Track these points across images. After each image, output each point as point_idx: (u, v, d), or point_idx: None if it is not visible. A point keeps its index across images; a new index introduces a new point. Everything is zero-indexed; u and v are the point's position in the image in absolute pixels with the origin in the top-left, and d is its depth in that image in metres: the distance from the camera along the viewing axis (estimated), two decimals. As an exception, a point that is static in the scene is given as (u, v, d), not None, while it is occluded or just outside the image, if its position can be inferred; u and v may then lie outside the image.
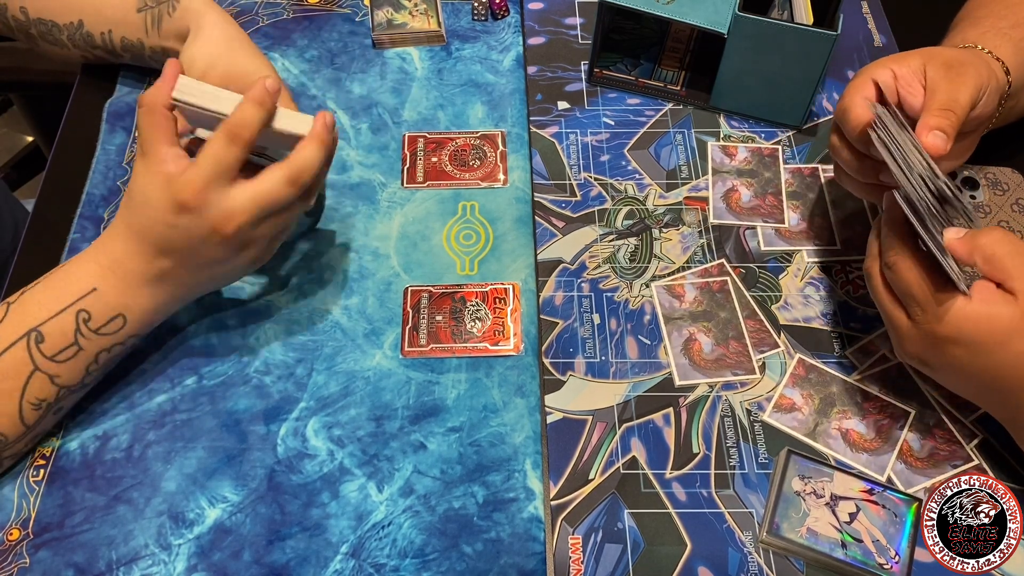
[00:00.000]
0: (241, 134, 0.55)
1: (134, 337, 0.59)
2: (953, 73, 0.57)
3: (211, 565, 0.55)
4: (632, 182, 0.72)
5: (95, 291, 0.56)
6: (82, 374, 0.57)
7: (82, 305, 0.56)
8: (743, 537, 0.56)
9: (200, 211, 0.55)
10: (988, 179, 0.71)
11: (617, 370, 0.62)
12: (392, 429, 0.60)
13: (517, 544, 0.56)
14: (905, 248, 0.53)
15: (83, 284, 0.56)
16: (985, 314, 0.50)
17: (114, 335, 0.57)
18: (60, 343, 0.55)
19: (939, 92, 0.56)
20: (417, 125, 0.76)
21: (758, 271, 0.67)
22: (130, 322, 0.58)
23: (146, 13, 0.70)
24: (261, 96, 0.56)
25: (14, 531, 0.56)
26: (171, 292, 0.59)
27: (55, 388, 0.56)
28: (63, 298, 0.56)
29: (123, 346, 0.59)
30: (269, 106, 0.56)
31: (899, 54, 0.60)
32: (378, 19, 0.81)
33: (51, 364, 0.55)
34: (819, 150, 0.74)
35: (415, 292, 0.67)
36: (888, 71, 0.58)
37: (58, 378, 0.56)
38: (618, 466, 0.58)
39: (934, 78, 0.57)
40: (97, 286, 0.56)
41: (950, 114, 0.55)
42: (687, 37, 0.80)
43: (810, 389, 0.61)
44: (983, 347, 0.51)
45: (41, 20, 0.72)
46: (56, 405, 0.57)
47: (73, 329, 0.56)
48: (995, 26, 0.64)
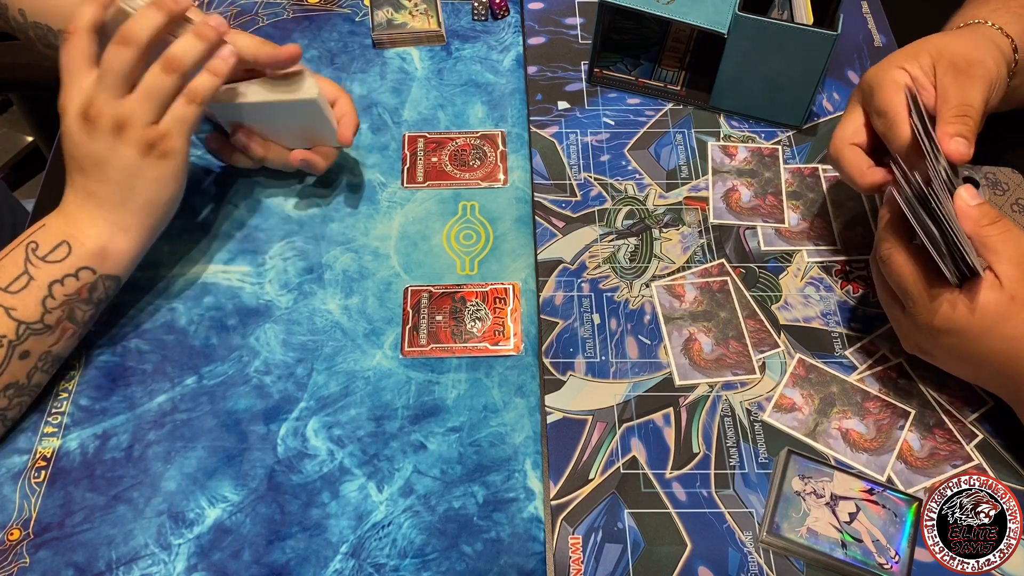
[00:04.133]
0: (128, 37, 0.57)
1: (87, 269, 0.59)
2: (962, 76, 0.57)
3: (211, 565, 0.55)
4: (632, 182, 0.72)
5: (44, 226, 0.60)
6: (39, 309, 0.57)
7: (31, 238, 0.59)
8: (743, 537, 0.56)
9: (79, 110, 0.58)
10: (988, 179, 0.71)
11: (617, 370, 0.62)
12: (392, 429, 0.60)
13: (517, 544, 0.56)
14: (900, 244, 0.54)
15: (36, 225, 0.60)
16: (972, 303, 0.52)
17: (62, 263, 0.58)
18: (12, 273, 0.58)
19: (951, 96, 0.56)
20: (417, 125, 0.76)
21: (758, 271, 0.67)
22: (75, 248, 0.59)
23: None
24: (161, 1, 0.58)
25: (15, 531, 0.56)
26: (102, 213, 0.60)
27: (13, 322, 0.57)
28: (18, 240, 0.60)
29: (77, 280, 0.59)
30: (171, 9, 0.58)
31: (905, 52, 0.60)
32: (378, 19, 0.81)
33: (5, 295, 0.57)
34: (819, 150, 0.74)
35: (415, 292, 0.67)
36: (904, 73, 0.58)
37: (14, 311, 0.57)
38: (618, 466, 0.58)
39: (945, 80, 0.57)
40: (45, 223, 0.60)
41: (967, 119, 0.55)
42: (687, 37, 0.80)
43: (810, 389, 0.61)
44: (972, 334, 0.53)
45: (37, 24, 0.72)
46: (19, 345, 0.57)
47: (23, 259, 0.58)
48: (1005, 4, 0.64)
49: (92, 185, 0.59)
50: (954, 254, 0.51)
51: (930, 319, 0.54)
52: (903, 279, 0.54)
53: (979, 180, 0.70)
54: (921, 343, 0.56)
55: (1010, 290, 0.51)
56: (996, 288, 0.52)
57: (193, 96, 0.60)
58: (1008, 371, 0.54)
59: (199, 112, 0.60)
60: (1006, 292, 0.51)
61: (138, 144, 0.59)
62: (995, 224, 0.53)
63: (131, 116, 0.58)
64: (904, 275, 0.54)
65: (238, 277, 0.67)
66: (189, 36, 0.59)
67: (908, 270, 0.54)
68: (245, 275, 0.67)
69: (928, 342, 0.56)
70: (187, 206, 0.70)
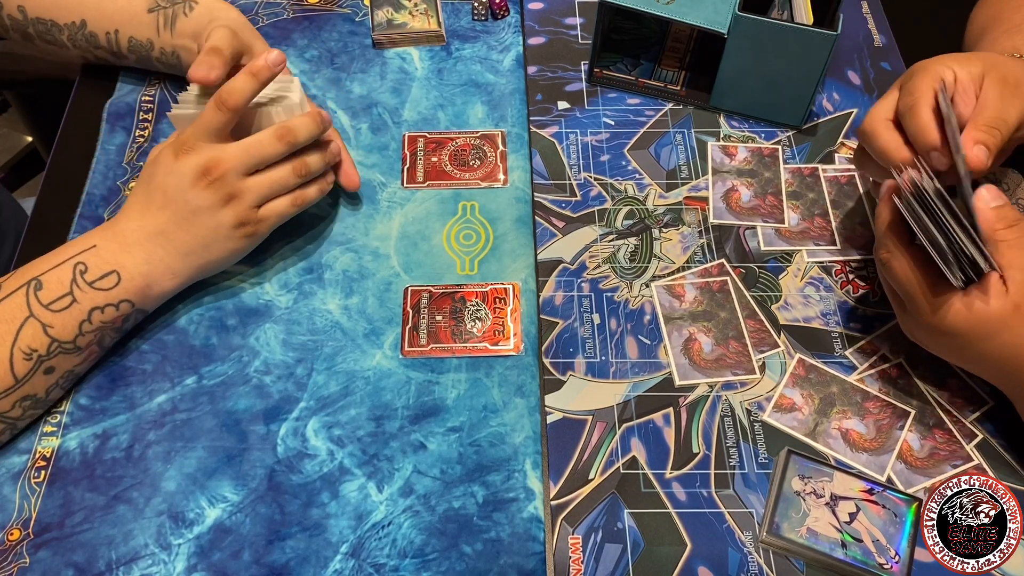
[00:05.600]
0: (227, 100, 0.60)
1: (127, 303, 0.60)
2: (1009, 91, 0.57)
3: (211, 565, 0.55)
4: (632, 182, 0.72)
5: (94, 247, 0.60)
6: (75, 331, 0.58)
7: (80, 258, 0.59)
8: (743, 537, 0.55)
9: (193, 152, 0.60)
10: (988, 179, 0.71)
11: (617, 370, 0.62)
12: (392, 429, 0.60)
13: (517, 544, 0.56)
14: (900, 246, 0.54)
15: (85, 242, 0.61)
16: (974, 308, 0.52)
17: (108, 292, 0.59)
18: (56, 291, 0.58)
19: (989, 107, 0.56)
20: (417, 125, 0.76)
21: (758, 271, 0.67)
22: (124, 281, 0.59)
23: (158, 13, 0.70)
24: (257, 68, 0.61)
25: (14, 531, 0.56)
26: (165, 255, 0.61)
27: (47, 339, 0.57)
28: (65, 253, 0.60)
29: (116, 310, 0.59)
30: (263, 77, 0.61)
31: (961, 56, 0.59)
32: (378, 19, 0.81)
33: (45, 312, 0.57)
34: (819, 150, 0.74)
35: (415, 292, 0.67)
36: (951, 72, 0.58)
37: (51, 328, 0.57)
38: (618, 466, 0.58)
39: (989, 91, 0.57)
40: (96, 243, 0.60)
41: (995, 132, 0.55)
42: (687, 37, 0.80)
43: (810, 389, 0.61)
44: (974, 338, 0.53)
45: (40, 19, 0.72)
46: (47, 361, 0.57)
47: (70, 279, 0.58)
48: None
49: (172, 227, 0.61)
50: (960, 258, 0.51)
51: (932, 321, 0.54)
52: (904, 283, 0.54)
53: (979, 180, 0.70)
54: (921, 339, 0.57)
55: (1015, 298, 0.51)
56: (1002, 295, 0.51)
57: (299, 200, 0.65)
58: (1009, 373, 0.54)
59: (295, 214, 0.65)
60: (1011, 300, 0.51)
61: (237, 218, 0.62)
62: (1011, 228, 0.52)
63: (246, 194, 0.62)
64: (905, 279, 0.54)
65: (238, 277, 0.67)
66: (320, 153, 0.65)
67: (909, 274, 0.54)
68: (245, 275, 0.67)
69: (928, 340, 0.56)
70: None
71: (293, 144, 0.62)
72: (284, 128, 0.62)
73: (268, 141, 0.62)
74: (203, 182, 0.60)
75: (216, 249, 0.62)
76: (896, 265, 0.54)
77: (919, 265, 0.54)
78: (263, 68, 0.61)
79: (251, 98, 0.61)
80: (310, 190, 0.66)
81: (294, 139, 0.62)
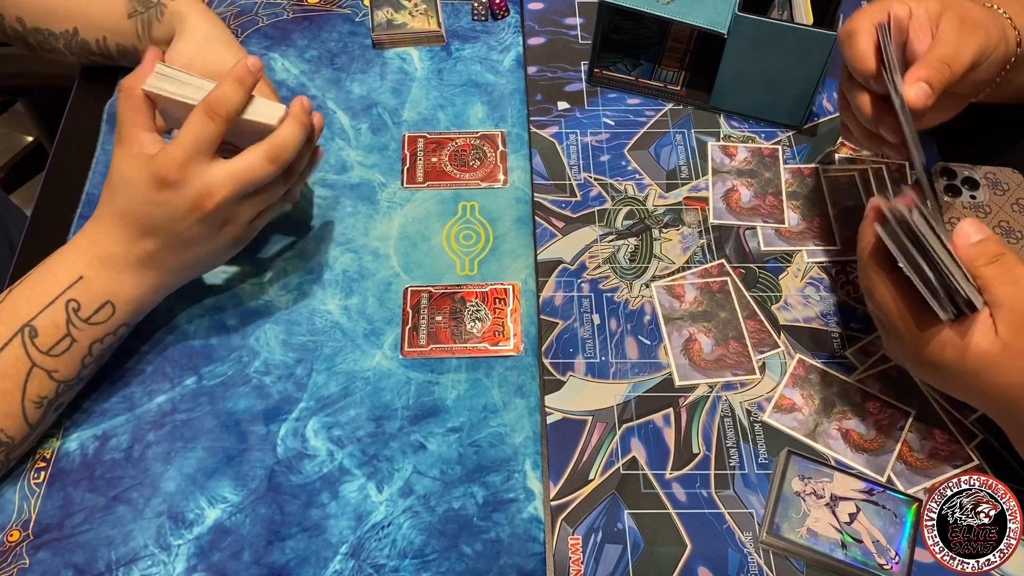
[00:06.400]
0: (219, 110, 0.55)
1: (125, 326, 0.59)
2: (966, 29, 0.56)
3: (211, 566, 0.55)
4: (632, 182, 0.72)
5: (82, 279, 0.57)
6: (78, 367, 0.57)
7: (71, 295, 0.56)
8: (743, 537, 0.55)
9: (180, 186, 0.55)
10: (988, 179, 0.71)
11: (617, 370, 0.62)
12: (392, 429, 0.60)
13: (517, 544, 0.56)
14: (883, 275, 0.52)
15: (69, 274, 0.57)
16: (963, 345, 0.49)
17: (105, 324, 0.57)
18: (54, 336, 0.56)
19: (943, 44, 0.55)
20: (417, 125, 0.76)
21: (758, 271, 0.67)
22: (119, 310, 0.58)
23: (136, 19, 0.70)
24: (241, 74, 0.56)
25: (14, 532, 0.56)
26: (157, 277, 0.59)
27: (54, 383, 0.56)
28: (51, 290, 0.56)
29: (115, 336, 0.59)
30: (249, 84, 0.57)
31: None
32: (378, 19, 0.81)
33: (47, 359, 0.55)
34: (819, 150, 0.74)
35: (415, 292, 0.67)
36: (906, 7, 0.57)
37: (56, 373, 0.56)
38: (618, 466, 0.58)
39: (946, 29, 0.56)
40: (83, 274, 0.57)
41: (945, 68, 0.54)
42: (687, 37, 0.80)
43: (810, 389, 0.61)
44: (960, 374, 0.50)
45: (38, 29, 0.72)
46: (56, 401, 0.57)
47: (64, 320, 0.56)
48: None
49: (163, 254, 0.58)
50: (949, 290, 0.48)
51: (917, 352, 0.51)
52: (889, 314, 0.52)
53: (979, 180, 0.70)
54: (905, 365, 0.55)
55: (1004, 338, 0.49)
56: (990, 335, 0.49)
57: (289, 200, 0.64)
58: (997, 411, 0.53)
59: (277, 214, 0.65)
60: (1000, 340, 0.49)
61: (233, 238, 0.60)
62: (993, 265, 0.49)
63: (240, 216, 0.59)
64: (890, 310, 0.52)
65: (238, 277, 0.67)
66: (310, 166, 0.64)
67: (894, 305, 0.51)
68: (245, 275, 0.67)
69: (913, 368, 0.54)
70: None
71: (286, 162, 0.58)
72: (274, 149, 0.57)
73: (260, 164, 0.57)
74: (194, 215, 0.56)
75: (209, 263, 0.62)
76: (879, 295, 0.52)
77: (904, 295, 0.51)
78: (247, 74, 0.56)
79: (243, 105, 0.56)
80: (294, 193, 0.64)
81: (286, 157, 0.57)
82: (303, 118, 0.59)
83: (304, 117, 0.59)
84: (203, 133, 0.55)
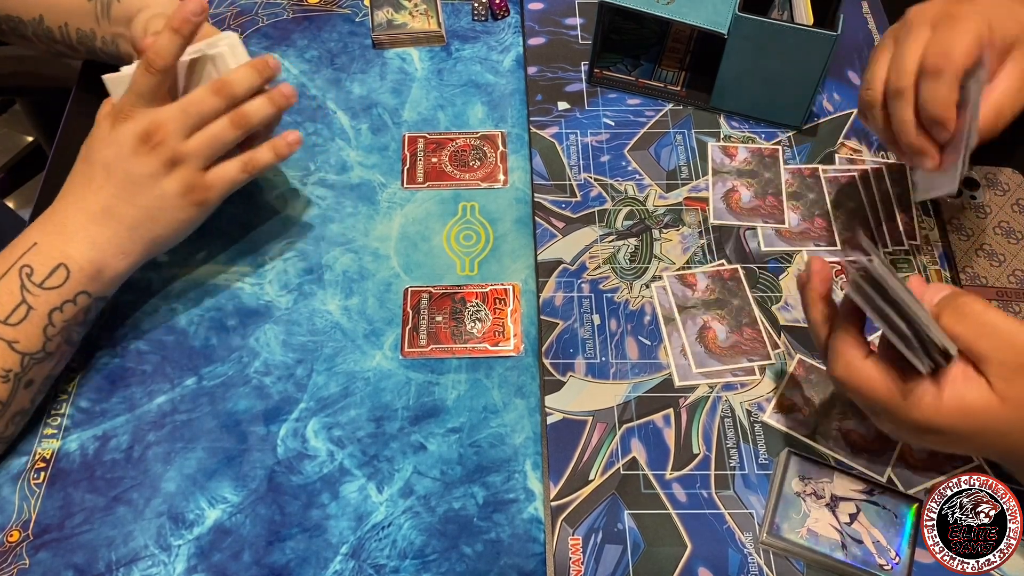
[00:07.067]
0: (155, 61, 0.58)
1: (84, 293, 0.58)
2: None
3: (211, 566, 0.55)
4: (632, 182, 0.72)
5: (35, 245, 0.58)
6: (41, 338, 0.57)
7: (24, 261, 0.57)
8: (743, 538, 0.55)
9: (129, 119, 0.58)
10: (988, 179, 0.71)
11: (617, 371, 0.62)
12: (392, 430, 0.60)
13: (517, 545, 0.56)
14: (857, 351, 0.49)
15: (25, 242, 0.58)
16: (957, 406, 0.47)
17: (60, 288, 0.57)
18: (9, 304, 0.56)
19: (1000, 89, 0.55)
20: (417, 125, 0.76)
21: (758, 272, 0.67)
22: (73, 273, 0.58)
23: (96, 1, 0.70)
24: (177, 23, 0.58)
25: (14, 533, 0.56)
26: (111, 233, 0.59)
27: (17, 355, 0.56)
28: (8, 260, 0.57)
29: (76, 305, 0.58)
30: (185, 31, 0.58)
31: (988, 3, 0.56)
32: (378, 19, 0.81)
33: (6, 328, 0.55)
34: (819, 150, 0.74)
35: (415, 293, 0.67)
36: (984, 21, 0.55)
37: (17, 344, 0.56)
38: (618, 467, 0.58)
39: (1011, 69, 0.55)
40: (37, 240, 0.58)
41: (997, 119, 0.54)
42: (687, 37, 0.80)
43: (810, 390, 0.61)
44: (959, 436, 0.48)
45: (9, 16, 0.73)
46: (25, 377, 0.57)
47: (19, 287, 0.56)
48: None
49: (115, 202, 0.59)
50: (923, 341, 0.46)
51: (912, 420, 0.48)
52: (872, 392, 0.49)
53: (979, 180, 0.70)
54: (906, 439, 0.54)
55: (1001, 392, 0.46)
56: (985, 391, 0.47)
57: (249, 165, 0.62)
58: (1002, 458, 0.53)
59: (247, 181, 0.63)
60: (996, 395, 0.46)
61: (183, 183, 0.60)
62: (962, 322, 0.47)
63: (190, 156, 0.59)
64: (873, 387, 0.49)
65: (238, 277, 0.67)
66: (264, 100, 0.62)
67: (877, 380, 0.48)
68: (245, 275, 0.67)
69: (912, 438, 0.53)
70: (187, 207, 0.70)
71: (231, 97, 0.60)
72: (220, 82, 0.60)
73: (205, 97, 0.59)
74: (144, 148, 0.58)
75: (164, 220, 0.60)
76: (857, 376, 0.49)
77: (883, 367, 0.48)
78: (183, 22, 0.57)
79: (178, 55, 0.58)
80: (261, 153, 0.63)
81: (231, 92, 0.60)
82: (256, 63, 0.61)
83: (258, 63, 0.61)
84: (143, 83, 0.58)
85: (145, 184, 0.59)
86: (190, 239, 0.69)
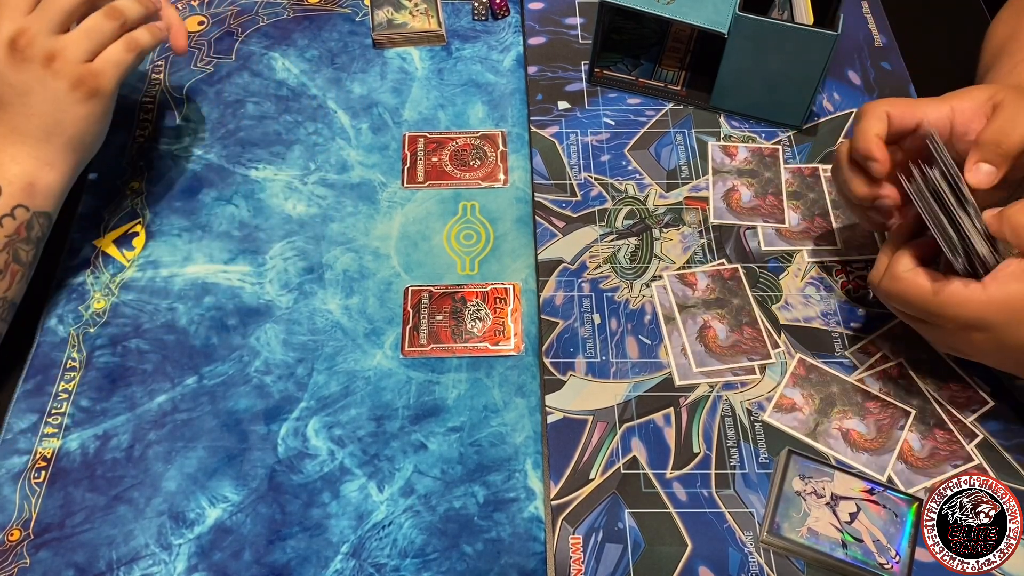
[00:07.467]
0: None
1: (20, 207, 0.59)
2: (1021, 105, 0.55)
3: (211, 565, 0.55)
4: (632, 182, 0.72)
5: None
6: None
7: None
8: (744, 537, 0.56)
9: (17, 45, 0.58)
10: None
11: (617, 370, 0.62)
12: (393, 429, 0.60)
13: (518, 544, 0.56)
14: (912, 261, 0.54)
15: None
16: (1003, 296, 0.50)
17: None
18: None
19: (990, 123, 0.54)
20: (417, 125, 0.76)
21: (758, 271, 0.67)
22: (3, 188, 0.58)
23: None
24: None
25: (15, 532, 0.56)
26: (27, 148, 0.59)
27: None
28: None
29: (14, 219, 0.59)
30: None
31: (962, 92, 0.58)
32: (378, 19, 0.81)
33: None
34: (819, 150, 0.74)
35: (415, 292, 0.67)
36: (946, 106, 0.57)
37: None
38: (619, 466, 0.58)
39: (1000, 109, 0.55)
40: None
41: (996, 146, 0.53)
42: (687, 37, 0.80)
43: (810, 389, 0.62)
44: (1007, 328, 0.51)
45: None
46: None
47: None
48: None
49: (16, 119, 0.59)
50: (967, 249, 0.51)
51: (960, 318, 0.52)
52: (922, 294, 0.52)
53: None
54: (954, 344, 0.55)
55: None
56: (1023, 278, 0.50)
57: (132, 44, 0.61)
58: None
59: (134, 62, 0.62)
60: None
61: (68, 77, 0.59)
62: None
63: (65, 50, 0.59)
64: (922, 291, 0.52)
65: (238, 277, 0.67)
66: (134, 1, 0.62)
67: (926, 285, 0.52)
68: (245, 275, 0.67)
69: (961, 342, 0.54)
70: (187, 206, 0.70)
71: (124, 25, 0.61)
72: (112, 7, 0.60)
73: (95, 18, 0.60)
74: (16, 56, 0.58)
75: (69, 120, 0.60)
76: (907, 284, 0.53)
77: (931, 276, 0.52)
78: None
79: None
80: (141, 34, 0.62)
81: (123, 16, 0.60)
82: None
83: None
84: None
85: (32, 90, 0.59)
86: (190, 238, 0.69)
